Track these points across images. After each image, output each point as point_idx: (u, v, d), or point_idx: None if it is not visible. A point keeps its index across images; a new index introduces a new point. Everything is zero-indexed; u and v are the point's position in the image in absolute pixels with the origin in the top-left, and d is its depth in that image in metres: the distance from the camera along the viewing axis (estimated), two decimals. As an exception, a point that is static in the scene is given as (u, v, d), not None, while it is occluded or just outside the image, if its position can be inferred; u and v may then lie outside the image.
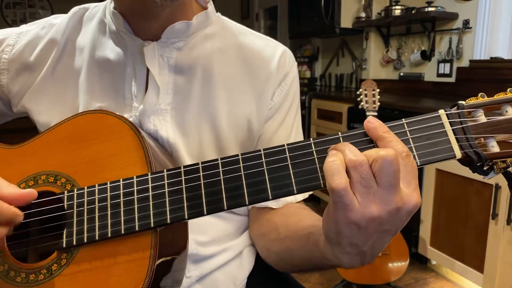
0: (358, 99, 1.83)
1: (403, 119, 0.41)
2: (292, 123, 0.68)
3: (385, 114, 2.12)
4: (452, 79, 2.49)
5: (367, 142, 0.41)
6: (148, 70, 0.60)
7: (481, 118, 0.40)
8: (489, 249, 1.68)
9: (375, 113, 1.79)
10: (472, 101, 0.41)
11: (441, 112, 0.41)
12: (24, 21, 4.71)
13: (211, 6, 0.64)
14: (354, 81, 3.36)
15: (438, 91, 2.58)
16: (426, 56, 2.62)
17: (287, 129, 0.67)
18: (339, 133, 0.42)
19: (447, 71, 2.51)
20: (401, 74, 2.89)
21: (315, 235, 0.49)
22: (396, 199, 0.37)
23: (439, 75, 2.58)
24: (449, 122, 0.40)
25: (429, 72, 2.66)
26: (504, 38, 2.33)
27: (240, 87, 0.63)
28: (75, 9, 0.67)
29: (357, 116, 2.40)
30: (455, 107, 0.41)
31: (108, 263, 0.45)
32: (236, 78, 0.63)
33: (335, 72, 3.61)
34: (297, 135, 0.69)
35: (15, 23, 4.72)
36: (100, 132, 0.51)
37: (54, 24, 0.66)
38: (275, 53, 0.66)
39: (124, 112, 0.60)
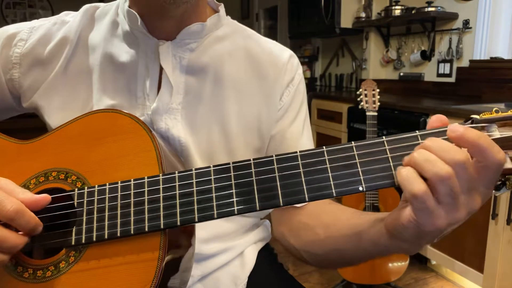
0: (358, 99, 1.83)
1: (417, 131, 0.42)
2: (303, 120, 0.69)
3: (385, 114, 2.12)
4: (452, 79, 2.50)
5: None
6: (161, 69, 0.60)
7: (495, 133, 0.40)
8: (489, 249, 1.68)
9: (375, 113, 1.79)
10: (486, 115, 0.41)
11: None
12: (24, 21, 4.69)
13: (222, 9, 0.66)
14: (354, 81, 3.36)
15: (438, 91, 2.59)
16: (426, 56, 2.63)
17: (299, 126, 0.68)
18: (352, 142, 0.42)
19: (447, 71, 2.52)
20: (401, 74, 2.89)
21: (370, 233, 0.48)
22: (478, 201, 0.38)
23: (439, 75, 2.59)
24: None
25: (429, 72, 2.66)
26: (504, 38, 2.33)
27: (249, 89, 0.64)
28: (86, 6, 0.67)
29: (357, 116, 2.40)
30: (470, 121, 0.42)
31: (116, 263, 0.46)
32: (245, 80, 0.64)
33: (335, 72, 3.61)
34: (308, 132, 0.70)
35: (15, 23, 4.72)
36: (112, 131, 0.51)
37: (67, 21, 0.66)
38: (282, 56, 0.68)
39: (136, 111, 0.61)
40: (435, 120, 0.42)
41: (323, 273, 2.06)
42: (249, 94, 0.64)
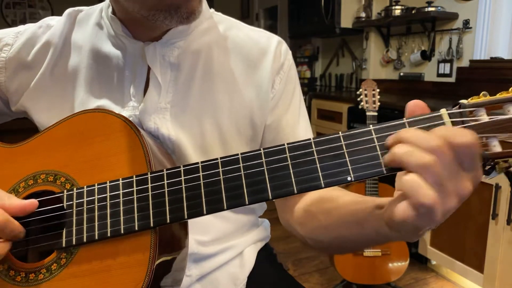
0: (358, 99, 1.83)
1: (404, 119, 0.41)
2: (298, 106, 0.68)
3: (385, 114, 2.12)
4: (452, 79, 2.49)
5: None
6: (148, 69, 0.60)
7: (483, 117, 0.39)
8: (489, 249, 1.68)
9: (375, 113, 1.79)
10: (474, 100, 0.40)
11: (443, 111, 0.40)
12: (24, 21, 4.70)
13: (204, 3, 0.65)
14: (354, 81, 3.36)
15: (438, 91, 2.59)
16: (426, 56, 2.62)
17: (294, 113, 0.67)
18: (340, 132, 0.42)
19: (447, 71, 2.51)
20: (401, 74, 2.89)
21: (370, 222, 0.47)
22: (467, 185, 0.37)
23: (439, 75, 2.58)
24: (451, 121, 0.39)
25: (429, 72, 2.66)
26: (504, 38, 2.33)
27: (239, 79, 0.64)
28: (69, 10, 0.67)
29: (357, 116, 2.40)
30: (457, 106, 0.40)
31: (107, 263, 0.45)
32: (235, 70, 0.64)
33: (335, 72, 3.61)
34: (304, 118, 0.69)
35: (15, 23, 4.72)
36: (99, 131, 0.51)
37: (51, 25, 0.66)
38: (270, 43, 0.67)
39: (123, 111, 0.61)
40: (413, 105, 0.41)
41: (323, 273, 2.06)
42: (239, 84, 0.64)
